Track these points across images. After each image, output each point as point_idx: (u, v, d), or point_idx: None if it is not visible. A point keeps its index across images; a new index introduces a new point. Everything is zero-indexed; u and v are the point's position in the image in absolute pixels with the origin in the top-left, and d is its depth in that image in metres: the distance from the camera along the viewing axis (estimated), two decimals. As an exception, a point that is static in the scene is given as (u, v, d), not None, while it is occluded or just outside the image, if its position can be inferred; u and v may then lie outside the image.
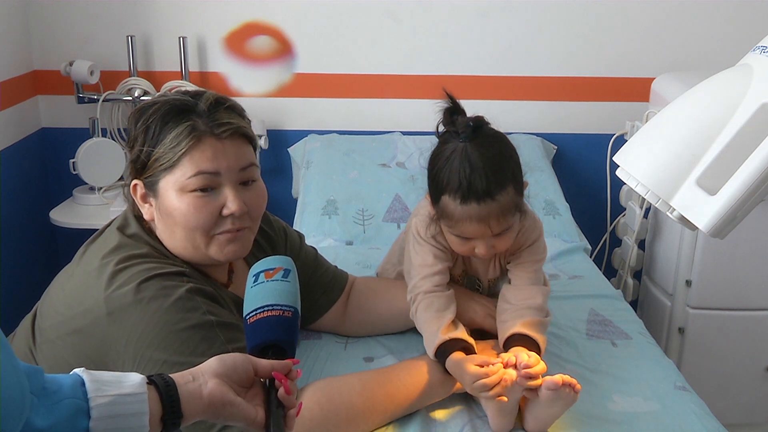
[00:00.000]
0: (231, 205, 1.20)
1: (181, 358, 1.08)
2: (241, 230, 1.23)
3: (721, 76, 1.06)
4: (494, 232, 1.31)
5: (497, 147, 1.32)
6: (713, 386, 2.13)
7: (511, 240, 1.37)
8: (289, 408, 0.86)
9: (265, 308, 0.89)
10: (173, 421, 0.79)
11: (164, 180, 1.19)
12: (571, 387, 1.22)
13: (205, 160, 1.17)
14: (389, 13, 2.49)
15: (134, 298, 1.12)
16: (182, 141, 1.17)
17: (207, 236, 1.21)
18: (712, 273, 2.09)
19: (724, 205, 0.96)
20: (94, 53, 2.47)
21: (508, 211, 1.31)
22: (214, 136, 1.18)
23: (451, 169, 1.28)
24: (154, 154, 1.18)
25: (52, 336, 1.18)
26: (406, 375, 1.30)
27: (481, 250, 1.34)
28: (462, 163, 1.27)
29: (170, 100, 1.21)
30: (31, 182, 2.54)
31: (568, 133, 2.60)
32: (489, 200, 1.27)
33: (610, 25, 2.50)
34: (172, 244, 1.23)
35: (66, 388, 0.73)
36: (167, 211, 1.20)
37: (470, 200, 1.27)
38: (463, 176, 1.27)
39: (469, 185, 1.26)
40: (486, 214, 1.28)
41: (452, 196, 1.29)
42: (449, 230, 1.35)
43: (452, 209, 1.30)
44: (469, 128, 1.29)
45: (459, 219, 1.30)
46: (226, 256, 1.24)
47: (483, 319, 1.45)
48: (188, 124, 1.17)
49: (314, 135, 2.53)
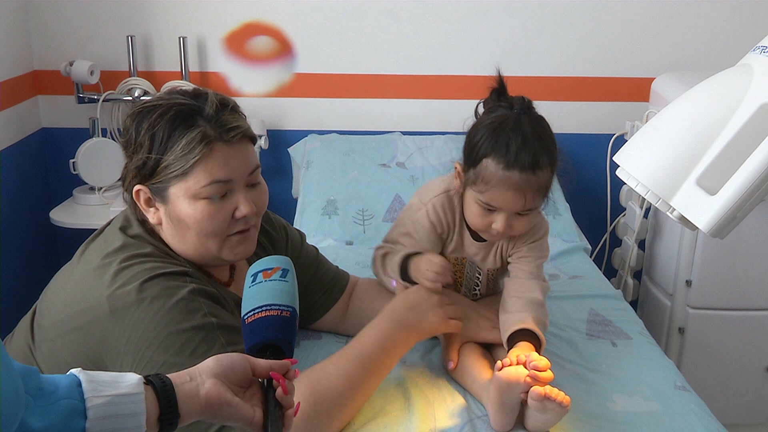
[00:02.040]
0: (243, 208, 1.21)
1: (181, 359, 1.08)
2: (250, 229, 1.25)
3: (721, 76, 1.06)
4: (526, 206, 1.33)
5: (546, 128, 1.35)
6: (713, 386, 2.13)
7: (528, 225, 1.39)
8: (287, 408, 0.86)
9: (262, 308, 0.89)
10: (170, 421, 0.79)
11: (175, 187, 1.18)
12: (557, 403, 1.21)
13: (219, 169, 1.18)
14: (389, 13, 2.48)
15: (137, 297, 1.12)
16: (194, 149, 1.16)
17: (220, 240, 1.22)
18: (712, 273, 2.09)
19: (724, 205, 0.96)
20: (94, 53, 2.47)
21: (543, 191, 1.34)
22: (224, 141, 1.18)
23: (500, 135, 1.30)
24: (163, 161, 1.17)
25: (51, 334, 1.18)
26: (370, 340, 1.30)
27: (499, 226, 1.34)
28: (514, 131, 1.30)
29: (174, 104, 1.18)
30: (31, 182, 2.54)
31: (568, 133, 2.60)
32: (531, 173, 1.29)
33: (610, 25, 2.50)
34: (182, 247, 1.24)
35: (62, 389, 0.73)
36: (179, 218, 1.20)
37: (514, 168, 1.29)
38: (513, 143, 1.29)
39: (517, 153, 1.28)
40: (525, 185, 1.30)
41: (496, 159, 1.30)
42: (478, 197, 1.35)
43: (492, 173, 1.30)
44: (524, 102, 1.34)
45: (496, 185, 1.31)
46: (236, 257, 1.25)
47: (487, 331, 1.45)
48: (199, 131, 1.16)
49: (314, 135, 2.53)
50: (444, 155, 2.37)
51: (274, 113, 2.55)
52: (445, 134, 2.47)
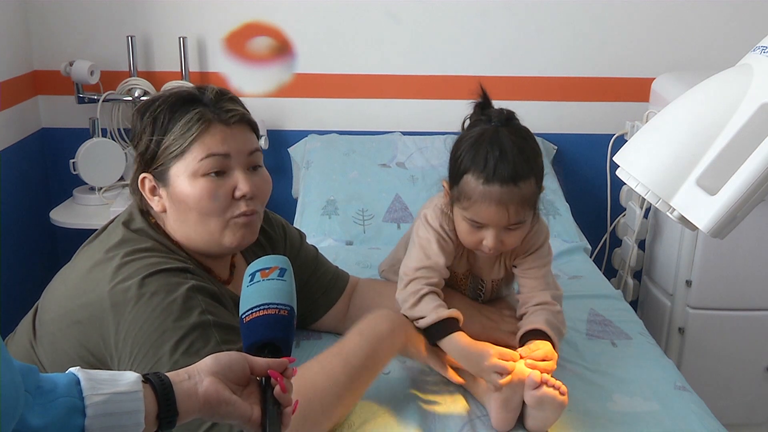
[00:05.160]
0: (243, 186, 1.22)
1: (175, 356, 1.08)
2: (254, 214, 1.25)
3: (721, 76, 1.06)
4: (510, 221, 1.30)
5: (527, 138, 1.33)
6: (713, 386, 2.13)
7: (520, 238, 1.36)
8: (284, 406, 0.86)
9: (260, 307, 0.89)
10: (169, 419, 0.79)
11: (175, 167, 1.21)
12: (555, 388, 1.22)
13: (216, 144, 1.20)
14: (389, 13, 2.48)
15: (137, 292, 1.12)
16: (192, 127, 1.20)
17: (222, 221, 1.22)
18: (712, 273, 2.09)
19: (724, 205, 0.96)
20: (94, 53, 2.47)
21: (527, 203, 1.31)
22: (221, 122, 1.22)
23: (479, 149, 1.29)
24: (163, 142, 1.21)
25: (53, 328, 1.18)
26: (357, 336, 1.28)
27: (489, 242, 1.32)
28: (491, 144, 1.28)
29: (176, 92, 1.24)
30: (31, 182, 2.54)
31: (568, 133, 2.60)
32: (512, 185, 1.27)
33: (610, 25, 2.50)
34: (185, 232, 1.24)
35: (61, 387, 0.73)
36: (180, 198, 1.21)
37: (494, 182, 1.27)
38: (490, 157, 1.27)
39: (496, 166, 1.26)
40: (507, 199, 1.27)
41: (476, 175, 1.28)
42: (464, 214, 1.33)
43: (472, 188, 1.29)
44: (502, 115, 1.32)
45: (477, 200, 1.29)
46: (239, 242, 1.25)
47: (490, 332, 1.44)
48: (197, 111, 1.20)
49: (314, 135, 2.53)
50: (444, 155, 2.35)
51: (274, 113, 2.56)
52: (445, 134, 2.47)
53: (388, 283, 1.62)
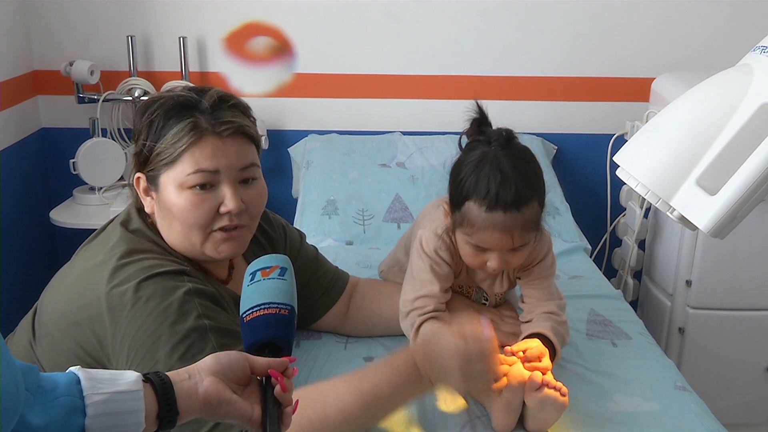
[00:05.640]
0: (228, 203, 1.20)
1: (171, 361, 1.08)
2: (239, 228, 1.23)
3: (721, 76, 1.06)
4: (515, 244, 1.29)
5: (528, 161, 1.31)
6: (713, 386, 2.13)
7: (524, 257, 1.35)
8: (285, 405, 0.86)
9: (261, 306, 0.89)
10: (169, 418, 0.79)
11: (165, 175, 1.20)
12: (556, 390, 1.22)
13: (205, 158, 1.18)
14: (389, 13, 2.48)
15: (133, 296, 1.12)
16: (183, 137, 1.18)
17: (203, 233, 1.22)
18: (712, 273, 2.09)
19: (724, 205, 0.96)
20: (94, 53, 2.47)
21: (531, 226, 1.30)
22: (215, 134, 1.19)
23: (480, 175, 1.26)
24: (156, 148, 1.20)
25: (51, 329, 1.18)
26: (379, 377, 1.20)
27: (493, 264, 1.31)
28: (493, 170, 1.26)
29: (175, 96, 1.22)
30: (31, 182, 2.54)
31: (568, 133, 2.60)
32: (515, 211, 1.25)
33: (610, 25, 2.50)
34: (170, 238, 1.24)
35: (61, 386, 0.73)
36: (166, 206, 1.21)
37: (497, 209, 1.25)
38: (492, 183, 1.25)
39: (498, 193, 1.24)
40: (511, 225, 1.26)
41: (478, 202, 1.26)
42: (467, 239, 1.32)
43: (475, 216, 1.27)
44: (502, 137, 1.29)
45: (481, 227, 1.27)
46: (221, 254, 1.24)
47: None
48: (190, 121, 1.18)
49: (314, 135, 2.53)
50: (444, 155, 2.36)
51: (274, 113, 2.55)
52: (445, 134, 2.47)
53: (388, 283, 1.62)
